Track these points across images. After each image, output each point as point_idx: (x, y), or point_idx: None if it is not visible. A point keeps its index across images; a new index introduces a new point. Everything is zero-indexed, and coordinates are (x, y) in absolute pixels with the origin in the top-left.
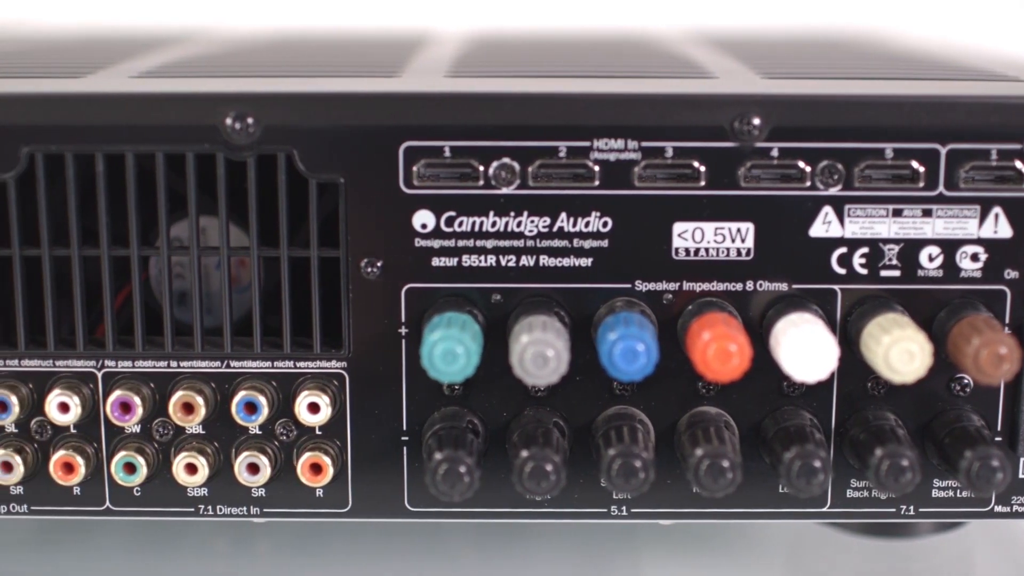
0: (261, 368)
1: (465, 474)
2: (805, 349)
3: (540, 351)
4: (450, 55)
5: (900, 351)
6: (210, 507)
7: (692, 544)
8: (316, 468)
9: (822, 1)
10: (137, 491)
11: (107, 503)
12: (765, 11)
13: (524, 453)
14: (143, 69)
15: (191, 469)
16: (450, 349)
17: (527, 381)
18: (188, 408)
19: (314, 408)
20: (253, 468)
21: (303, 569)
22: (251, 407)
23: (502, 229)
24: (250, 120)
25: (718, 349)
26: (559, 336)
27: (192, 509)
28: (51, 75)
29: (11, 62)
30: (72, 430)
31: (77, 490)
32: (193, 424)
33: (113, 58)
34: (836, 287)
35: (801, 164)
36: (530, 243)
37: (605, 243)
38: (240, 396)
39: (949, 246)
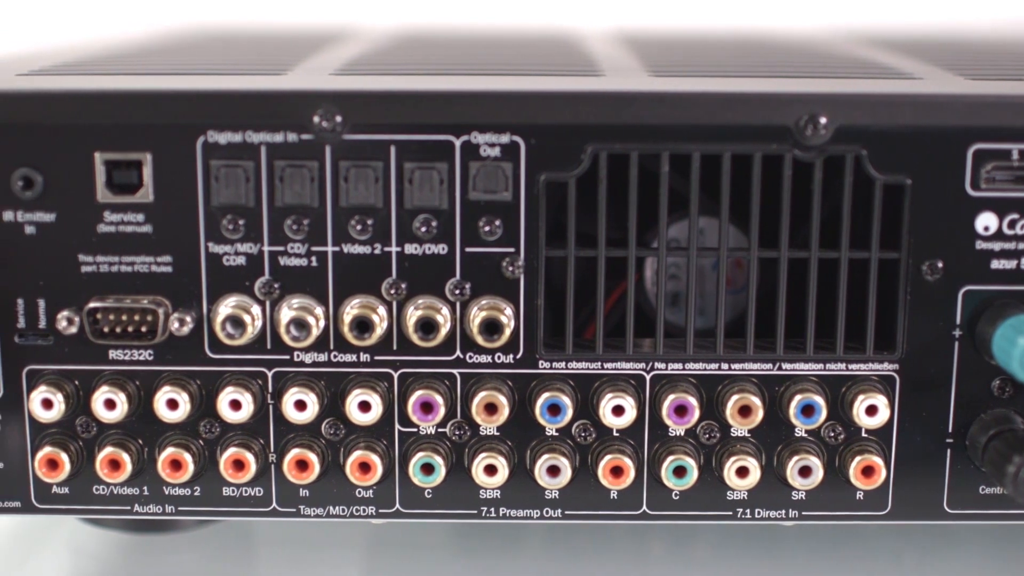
0: (813, 370)
1: None
2: None
3: None
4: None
5: None
6: (748, 511)
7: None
8: (868, 471)
9: None
10: (676, 495)
11: (643, 507)
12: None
13: None
14: (655, 66)
15: (742, 472)
16: None
17: None
18: (745, 411)
19: (872, 411)
20: (805, 471)
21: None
22: (809, 409)
23: None
24: (823, 120)
25: None
26: None
27: (730, 513)
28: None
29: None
30: (615, 433)
31: (614, 494)
32: (744, 428)
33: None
34: None
35: None
36: None
37: None
38: (798, 399)
39: None
